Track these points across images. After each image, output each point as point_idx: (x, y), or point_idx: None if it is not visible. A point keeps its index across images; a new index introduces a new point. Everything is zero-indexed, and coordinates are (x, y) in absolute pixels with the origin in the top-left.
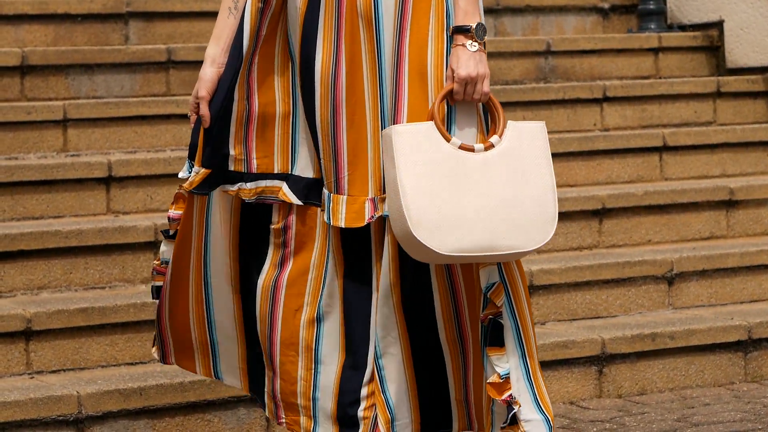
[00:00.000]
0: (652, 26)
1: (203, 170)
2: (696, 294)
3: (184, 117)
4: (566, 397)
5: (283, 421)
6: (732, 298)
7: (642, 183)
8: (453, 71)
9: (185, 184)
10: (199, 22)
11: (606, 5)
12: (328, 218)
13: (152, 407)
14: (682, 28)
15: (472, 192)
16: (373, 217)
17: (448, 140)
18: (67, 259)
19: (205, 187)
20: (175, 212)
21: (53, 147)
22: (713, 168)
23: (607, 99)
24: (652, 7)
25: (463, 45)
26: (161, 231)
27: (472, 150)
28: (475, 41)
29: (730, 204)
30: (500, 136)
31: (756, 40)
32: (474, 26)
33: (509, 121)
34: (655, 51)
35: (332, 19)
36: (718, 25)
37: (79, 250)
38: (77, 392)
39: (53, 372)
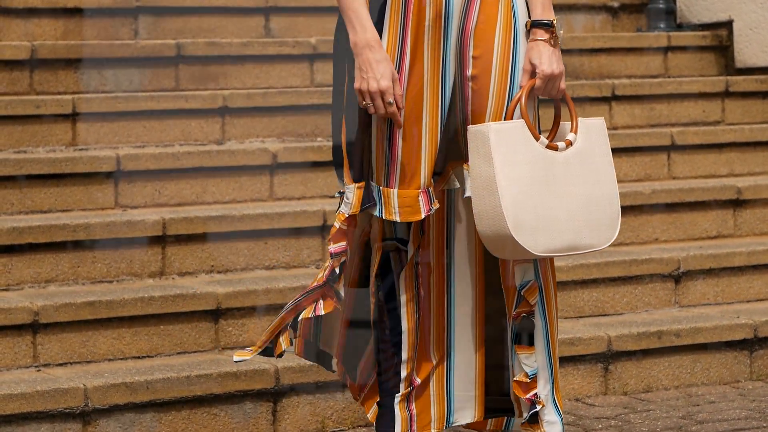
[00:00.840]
0: (662, 25)
1: (356, 185)
2: (702, 292)
3: (192, 112)
4: (572, 394)
5: (360, 398)
6: (738, 296)
7: (650, 182)
8: (535, 67)
9: (352, 210)
10: (209, 18)
11: (615, 4)
12: (380, 212)
13: (159, 401)
14: (692, 27)
15: (560, 192)
16: (431, 209)
17: (537, 139)
18: (74, 252)
19: (369, 200)
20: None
21: (62, 141)
22: (721, 167)
23: (615, 98)
24: (661, 6)
25: (545, 41)
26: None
27: (556, 149)
28: (555, 37)
29: (737, 203)
30: (575, 133)
31: (765, 39)
32: (554, 22)
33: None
34: (664, 50)
35: (399, 8)
36: (728, 24)
37: (87, 243)
38: (84, 385)
39: (60, 365)
